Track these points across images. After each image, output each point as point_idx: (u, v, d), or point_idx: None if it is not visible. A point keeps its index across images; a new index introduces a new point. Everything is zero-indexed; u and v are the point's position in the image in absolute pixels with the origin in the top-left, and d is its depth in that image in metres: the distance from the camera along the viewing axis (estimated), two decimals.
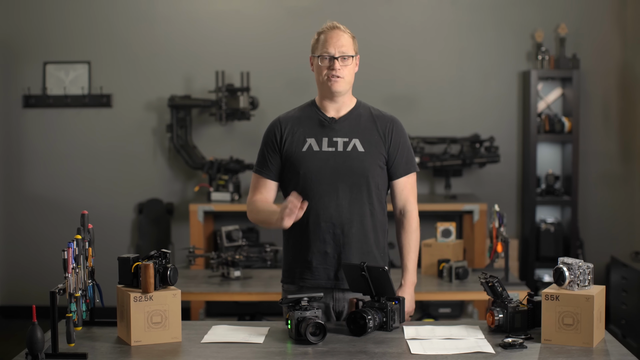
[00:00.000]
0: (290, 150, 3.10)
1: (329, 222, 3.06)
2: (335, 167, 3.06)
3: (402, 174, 3.15)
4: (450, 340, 2.76)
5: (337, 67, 3.03)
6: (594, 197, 6.56)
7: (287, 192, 3.11)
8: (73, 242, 2.64)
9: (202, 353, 2.65)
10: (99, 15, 6.52)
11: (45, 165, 6.57)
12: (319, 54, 3.06)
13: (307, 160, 3.07)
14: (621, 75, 6.51)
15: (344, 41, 3.05)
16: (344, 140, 3.08)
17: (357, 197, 3.07)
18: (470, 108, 6.53)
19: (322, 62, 3.05)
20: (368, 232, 3.10)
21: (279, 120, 3.19)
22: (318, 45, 3.08)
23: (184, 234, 6.41)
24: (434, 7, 6.52)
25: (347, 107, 3.14)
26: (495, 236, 4.33)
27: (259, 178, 3.17)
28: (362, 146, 3.08)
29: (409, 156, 3.17)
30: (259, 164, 3.18)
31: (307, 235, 3.07)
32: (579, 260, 2.74)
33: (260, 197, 3.15)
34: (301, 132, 3.11)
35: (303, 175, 3.07)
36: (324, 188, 3.06)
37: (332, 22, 3.11)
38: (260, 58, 6.46)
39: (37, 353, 2.49)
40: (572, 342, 2.69)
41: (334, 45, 3.04)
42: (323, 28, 3.11)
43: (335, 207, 3.06)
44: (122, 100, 6.54)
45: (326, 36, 3.06)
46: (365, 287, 2.91)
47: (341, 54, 3.04)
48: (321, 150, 3.07)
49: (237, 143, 6.51)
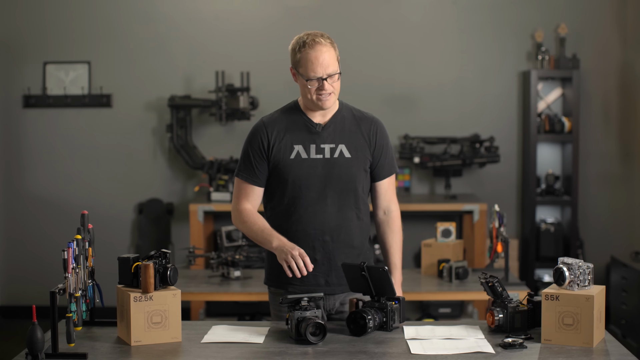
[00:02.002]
0: (277, 157, 3.05)
1: (318, 229, 3.05)
2: (323, 175, 3.04)
3: (385, 176, 3.16)
4: (450, 340, 2.76)
5: (326, 88, 2.98)
6: (594, 197, 6.56)
7: (273, 198, 3.09)
8: (73, 242, 2.64)
9: (202, 353, 2.65)
10: (99, 15, 6.52)
11: (45, 165, 6.57)
12: (306, 77, 2.98)
13: (295, 167, 3.04)
14: (621, 75, 6.51)
15: (329, 59, 2.97)
16: (331, 146, 3.05)
17: (345, 203, 3.07)
18: (470, 108, 6.53)
19: (311, 84, 2.99)
20: (355, 236, 3.11)
21: (264, 124, 3.10)
22: (301, 64, 2.99)
23: (184, 234, 6.41)
24: (434, 7, 6.52)
25: (332, 111, 3.11)
26: (495, 236, 4.33)
27: (244, 184, 3.10)
28: (349, 152, 3.06)
29: (391, 158, 3.17)
30: (244, 170, 3.09)
31: (296, 241, 3.01)
32: (579, 260, 2.74)
33: (249, 207, 3.09)
34: (288, 138, 3.05)
35: (292, 182, 3.04)
36: (313, 196, 3.04)
37: (312, 36, 2.99)
38: (260, 58, 6.46)
39: (37, 353, 2.49)
40: (572, 342, 2.69)
41: (320, 66, 2.96)
42: (303, 41, 2.99)
43: (324, 214, 3.05)
44: (122, 100, 6.54)
45: (309, 56, 2.97)
46: (365, 287, 2.91)
47: (328, 75, 2.97)
48: (309, 157, 3.04)
49: (237, 143, 6.48)
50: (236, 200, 3.13)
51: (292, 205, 3.05)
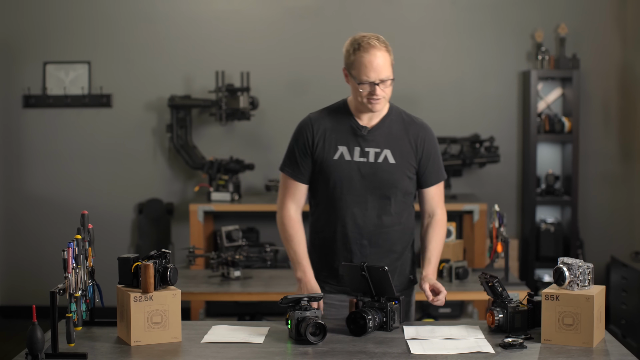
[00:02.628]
0: (321, 155, 3.04)
1: (356, 232, 3.05)
2: (365, 178, 3.02)
3: (432, 183, 3.13)
4: (450, 340, 2.76)
5: (378, 93, 2.94)
6: (594, 197, 6.56)
7: (317, 195, 3.10)
8: (73, 242, 2.64)
9: (202, 353, 2.65)
10: (99, 15, 6.52)
11: (45, 165, 6.57)
12: (358, 81, 2.94)
13: (337, 169, 3.03)
14: (621, 75, 6.51)
15: (383, 63, 2.92)
16: (376, 150, 3.03)
17: (386, 208, 3.06)
18: (470, 108, 6.53)
19: (362, 88, 2.94)
20: (395, 241, 3.10)
21: (311, 120, 3.09)
22: (354, 67, 2.94)
23: (184, 234, 6.41)
24: (434, 7, 6.52)
25: (380, 114, 3.08)
26: (495, 236, 4.33)
27: (289, 180, 3.11)
28: (393, 157, 3.03)
29: (439, 165, 3.13)
30: (290, 166, 3.10)
31: (334, 243, 3.06)
32: (579, 260, 2.74)
33: (293, 213, 3.09)
34: (333, 138, 3.04)
35: (333, 183, 3.04)
36: (353, 198, 3.03)
37: (367, 38, 2.93)
38: (260, 58, 6.46)
39: (37, 353, 2.49)
40: (572, 342, 2.69)
41: (374, 71, 2.92)
42: (358, 43, 2.93)
43: (364, 218, 3.04)
44: (122, 100, 6.54)
45: (363, 59, 2.92)
46: (366, 287, 2.91)
47: (381, 80, 2.94)
48: (352, 160, 3.02)
49: (237, 143, 6.51)
50: (282, 199, 3.13)
51: (332, 206, 3.05)
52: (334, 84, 6.44)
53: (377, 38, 2.95)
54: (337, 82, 6.45)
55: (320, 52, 6.42)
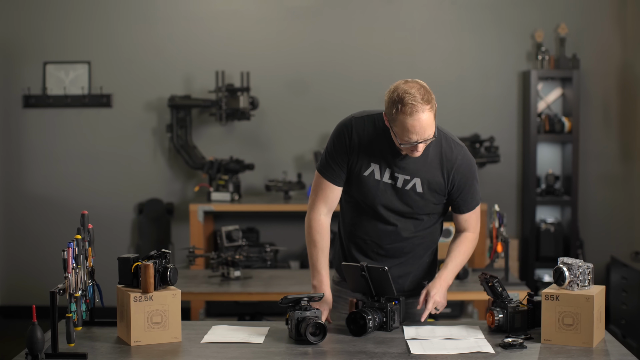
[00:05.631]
0: (353, 165, 3.00)
1: (375, 243, 3.05)
2: (390, 199, 2.99)
3: (464, 211, 3.08)
4: (450, 340, 2.76)
5: (419, 149, 2.85)
6: (594, 197, 6.56)
7: (347, 194, 3.07)
8: (73, 242, 2.64)
9: (202, 353, 2.65)
10: (99, 15, 6.52)
11: (45, 165, 6.57)
12: (400, 141, 2.81)
13: (365, 184, 2.99)
14: (621, 75, 6.51)
15: (427, 125, 2.78)
16: (405, 177, 2.96)
17: (408, 228, 3.04)
18: (470, 108, 6.53)
19: (403, 146, 2.83)
20: (413, 250, 3.09)
21: (352, 124, 3.00)
22: (396, 125, 2.80)
23: (184, 234, 6.41)
24: (434, 7, 6.52)
25: None
26: (495, 236, 4.33)
27: (323, 182, 3.05)
28: (422, 187, 2.97)
29: (472, 195, 3.05)
30: (326, 166, 3.03)
31: (353, 245, 3.08)
32: (579, 260, 2.74)
33: (322, 217, 3.05)
34: (368, 152, 2.97)
35: (359, 195, 3.02)
36: (377, 213, 3.02)
37: (411, 97, 2.75)
38: (260, 58, 6.46)
39: (37, 353, 2.49)
40: (572, 342, 2.69)
41: (416, 134, 2.78)
42: (402, 100, 2.76)
43: (386, 232, 3.03)
44: (122, 100, 6.54)
45: (406, 123, 2.76)
46: (366, 288, 2.91)
47: (424, 140, 2.82)
48: (382, 180, 2.98)
49: (237, 143, 6.51)
50: (313, 199, 3.08)
51: (356, 212, 3.05)
52: (333, 84, 6.47)
53: (422, 96, 2.77)
54: (337, 82, 6.51)
55: (320, 52, 6.42)
